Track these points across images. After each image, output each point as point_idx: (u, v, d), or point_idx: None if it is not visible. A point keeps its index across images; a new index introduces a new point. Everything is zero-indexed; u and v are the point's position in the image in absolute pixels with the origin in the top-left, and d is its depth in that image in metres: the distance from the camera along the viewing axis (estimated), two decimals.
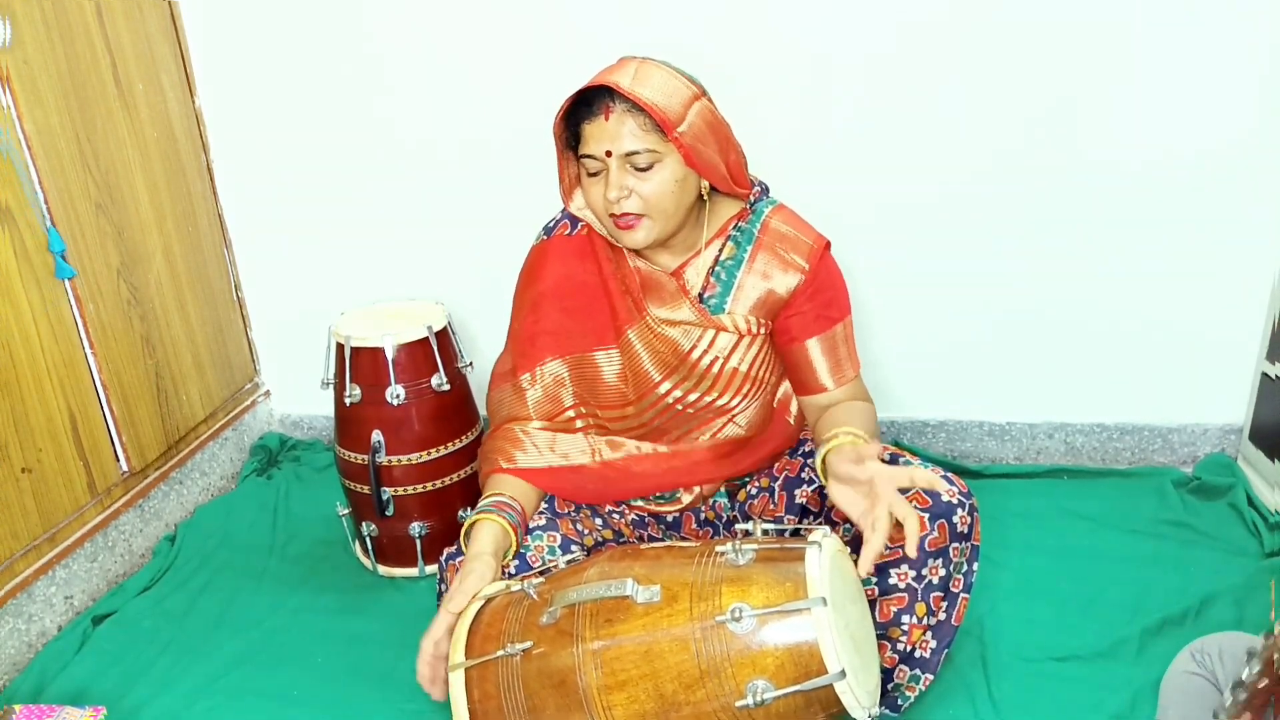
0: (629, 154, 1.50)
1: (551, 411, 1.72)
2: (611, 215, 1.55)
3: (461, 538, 1.58)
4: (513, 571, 1.56)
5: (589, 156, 1.53)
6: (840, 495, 1.44)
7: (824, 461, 1.50)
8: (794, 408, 1.77)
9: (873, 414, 1.61)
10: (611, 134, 1.50)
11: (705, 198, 1.62)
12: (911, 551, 1.33)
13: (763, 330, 1.66)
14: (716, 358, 1.65)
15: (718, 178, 1.58)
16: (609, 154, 1.50)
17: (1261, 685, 1.25)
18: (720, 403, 1.68)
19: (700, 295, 1.65)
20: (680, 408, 1.68)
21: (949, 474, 1.56)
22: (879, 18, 2.18)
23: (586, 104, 1.52)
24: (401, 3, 2.32)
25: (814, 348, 1.64)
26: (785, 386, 1.78)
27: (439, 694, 1.45)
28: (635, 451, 1.73)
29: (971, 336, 2.42)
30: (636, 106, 1.49)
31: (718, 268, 1.66)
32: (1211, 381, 2.37)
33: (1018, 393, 2.47)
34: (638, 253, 1.66)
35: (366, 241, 2.56)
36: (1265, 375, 2.28)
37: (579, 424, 1.73)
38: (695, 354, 1.65)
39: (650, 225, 1.55)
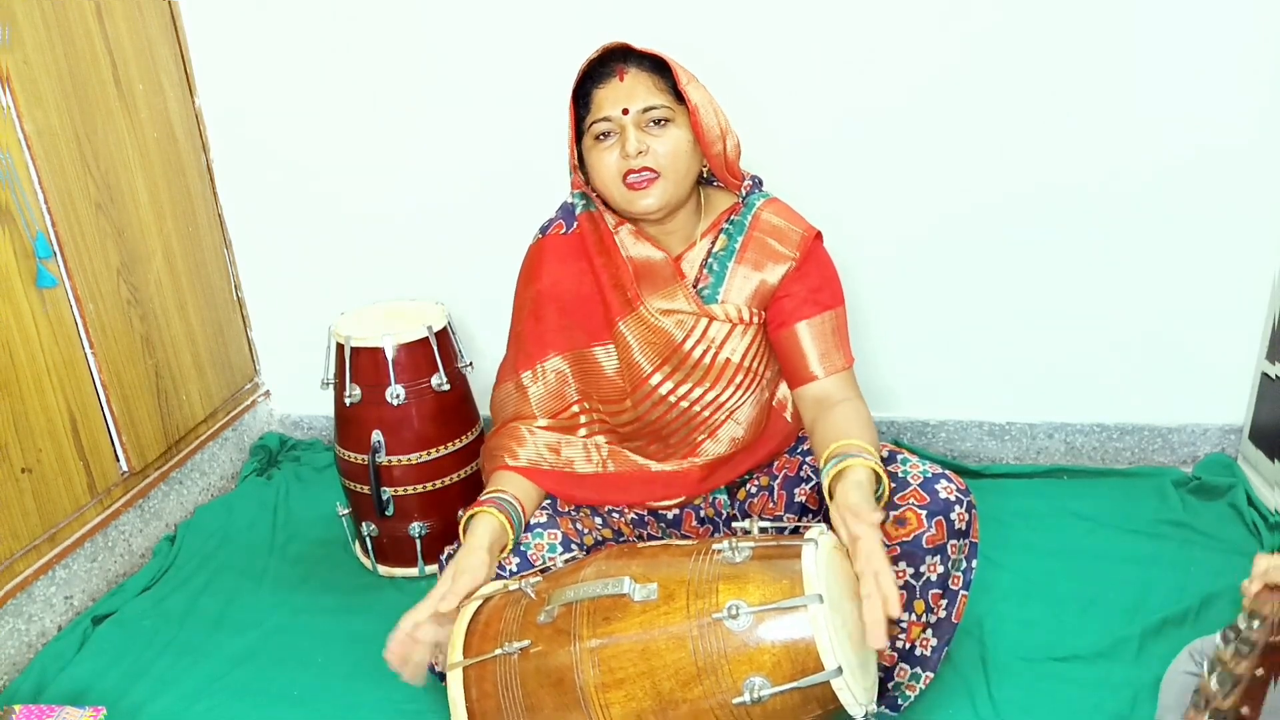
0: (647, 109, 1.56)
1: (556, 409, 1.73)
2: (627, 174, 1.57)
3: (460, 531, 1.58)
4: (513, 570, 1.56)
5: (603, 119, 1.57)
6: (837, 526, 1.38)
7: (834, 478, 1.44)
8: (791, 406, 1.77)
9: (869, 418, 1.59)
10: (628, 92, 1.56)
11: (701, 186, 1.67)
12: (894, 611, 1.25)
13: (755, 320, 1.67)
14: (708, 348, 1.66)
15: (715, 155, 1.62)
16: (625, 112, 1.55)
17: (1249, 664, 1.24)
18: (713, 396, 1.68)
19: (694, 287, 1.67)
20: (674, 399, 1.68)
21: (948, 472, 1.57)
22: (880, 18, 2.18)
23: (597, 72, 1.59)
24: (401, 4, 2.33)
25: (803, 331, 1.64)
26: (784, 387, 1.78)
27: (410, 675, 1.44)
28: (639, 468, 1.74)
29: (971, 336, 2.42)
30: (650, 68, 1.58)
31: (710, 259, 1.67)
32: (1211, 381, 2.37)
33: (1018, 393, 2.46)
34: (640, 232, 1.67)
35: (366, 241, 2.56)
36: (1265, 375, 2.28)
37: (583, 419, 1.74)
38: (688, 344, 1.65)
39: (664, 185, 1.58)
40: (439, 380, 2.08)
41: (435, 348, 2.07)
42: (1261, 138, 2.14)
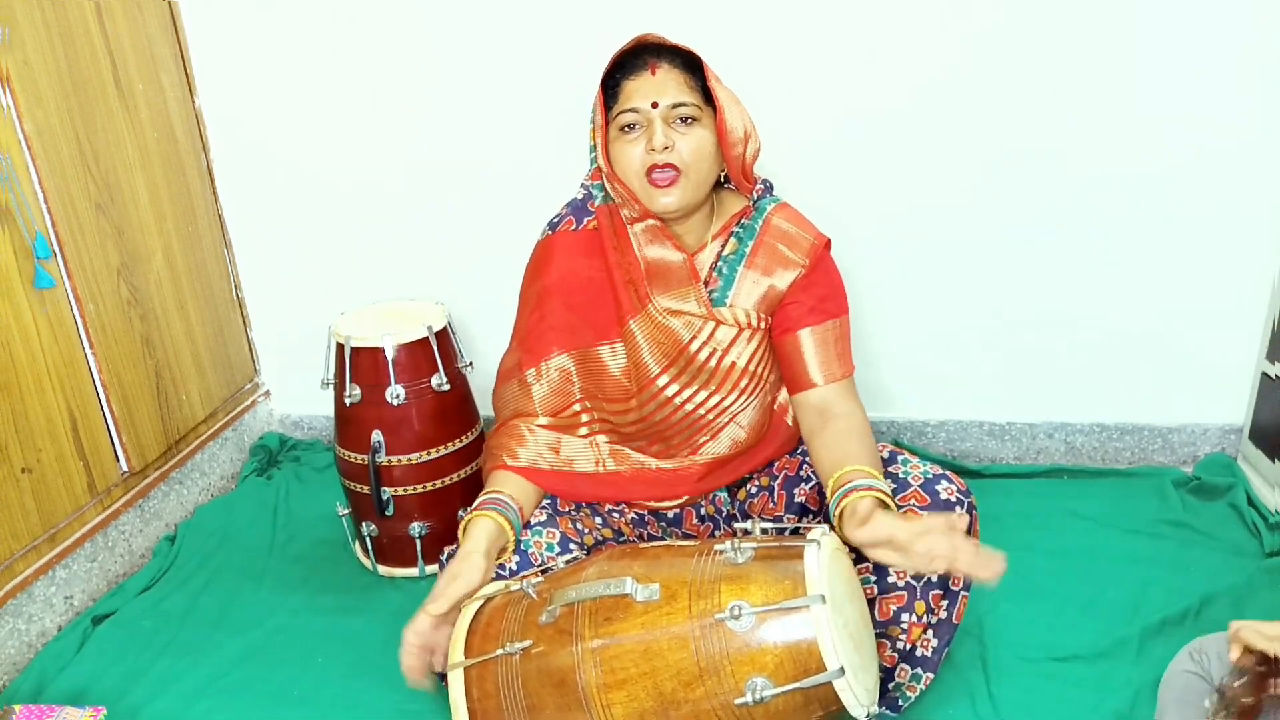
0: (675, 105, 1.56)
1: (558, 406, 1.73)
2: (651, 169, 1.57)
3: (460, 534, 1.58)
4: (514, 569, 1.56)
5: (630, 110, 1.57)
6: (876, 556, 1.41)
7: (841, 517, 1.46)
8: (794, 410, 1.77)
9: (866, 429, 1.60)
10: (659, 87, 1.56)
11: (714, 188, 1.67)
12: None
13: (763, 325, 1.67)
14: (715, 350, 1.65)
15: (734, 157, 1.61)
16: (655, 105, 1.55)
17: (1247, 698, 1.26)
18: (718, 399, 1.68)
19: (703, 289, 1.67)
20: (680, 401, 1.68)
21: (948, 473, 1.57)
22: (881, 21, 2.18)
23: (629, 63, 1.59)
24: (401, 5, 2.33)
25: (806, 339, 1.64)
26: (786, 391, 1.78)
27: (425, 683, 1.47)
28: (639, 466, 1.74)
29: (971, 336, 2.42)
30: (681, 65, 1.58)
31: (720, 263, 1.67)
32: (1211, 381, 2.37)
33: (1018, 393, 2.47)
34: (661, 228, 1.66)
35: (366, 241, 2.56)
36: (1265, 375, 2.28)
37: (584, 418, 1.74)
38: (694, 346, 1.65)
39: (685, 184, 1.58)
40: (439, 380, 2.08)
41: (435, 348, 2.07)
42: (1261, 138, 2.15)
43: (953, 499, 1.52)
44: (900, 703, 1.61)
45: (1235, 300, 2.29)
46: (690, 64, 1.59)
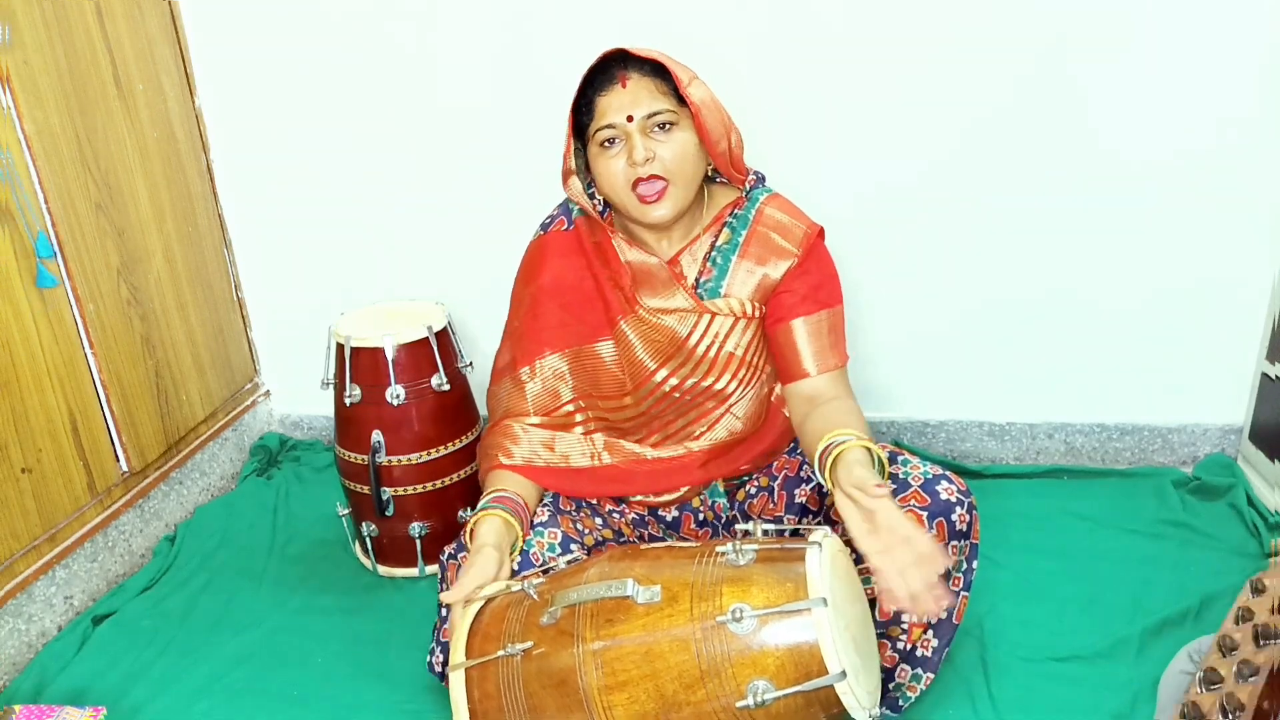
0: (651, 114, 1.56)
1: (549, 406, 1.73)
2: (636, 182, 1.57)
3: (465, 537, 1.58)
4: (515, 569, 1.56)
5: (607, 127, 1.57)
6: (845, 508, 1.39)
7: (833, 464, 1.45)
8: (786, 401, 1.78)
9: (859, 413, 1.61)
10: (631, 99, 1.56)
11: (705, 182, 1.68)
12: (944, 563, 1.32)
13: (758, 314, 1.68)
14: (713, 342, 1.67)
15: (720, 153, 1.62)
16: (630, 119, 1.55)
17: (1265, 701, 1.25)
18: (715, 386, 1.69)
19: (696, 280, 1.68)
20: (677, 395, 1.69)
21: (948, 473, 1.57)
22: (883, 16, 2.18)
23: (598, 79, 1.58)
24: (400, 5, 2.32)
25: (799, 328, 1.65)
26: None
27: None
28: (634, 455, 1.74)
29: (972, 336, 2.42)
30: (650, 72, 1.57)
31: (714, 253, 1.68)
32: (1211, 381, 2.38)
33: (1018, 393, 2.47)
34: (631, 241, 1.68)
35: (366, 241, 2.56)
36: (1265, 375, 2.28)
37: (578, 418, 1.74)
38: (693, 340, 1.66)
39: (674, 193, 1.58)
40: (439, 380, 2.07)
41: (435, 348, 2.07)
42: (1262, 137, 2.15)
43: (953, 499, 1.52)
44: (900, 703, 1.62)
45: (1235, 300, 2.29)
46: (661, 66, 1.59)
